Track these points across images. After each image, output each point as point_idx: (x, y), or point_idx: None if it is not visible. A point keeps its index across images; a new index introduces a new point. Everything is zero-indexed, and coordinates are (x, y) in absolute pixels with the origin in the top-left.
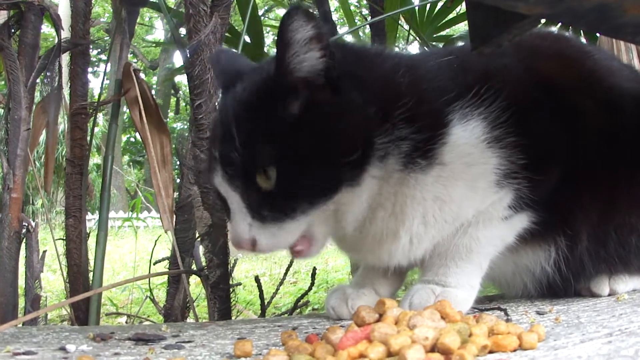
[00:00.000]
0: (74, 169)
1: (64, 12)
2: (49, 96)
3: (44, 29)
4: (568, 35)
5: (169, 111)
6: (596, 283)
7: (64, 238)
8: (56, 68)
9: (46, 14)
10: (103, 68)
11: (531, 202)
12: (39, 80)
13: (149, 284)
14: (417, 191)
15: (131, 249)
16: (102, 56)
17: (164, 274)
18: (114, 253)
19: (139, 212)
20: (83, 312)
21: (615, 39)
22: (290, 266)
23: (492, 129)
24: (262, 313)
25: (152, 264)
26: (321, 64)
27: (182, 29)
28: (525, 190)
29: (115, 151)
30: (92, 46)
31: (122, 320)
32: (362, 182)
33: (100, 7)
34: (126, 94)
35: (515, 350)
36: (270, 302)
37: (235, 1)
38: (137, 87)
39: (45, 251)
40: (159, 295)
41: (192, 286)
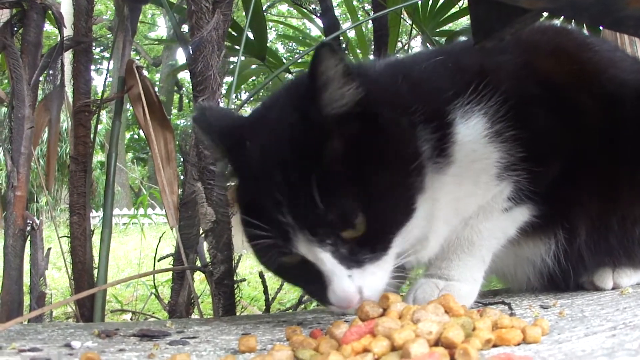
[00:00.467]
0: (77, 166)
1: (66, 10)
2: (51, 94)
3: (47, 27)
4: (569, 27)
5: (172, 108)
6: (600, 277)
7: (69, 235)
8: (59, 66)
9: (48, 12)
10: (106, 65)
11: (531, 195)
12: (42, 78)
13: (154, 280)
14: (441, 192)
15: (136, 246)
16: (105, 54)
17: (169, 271)
18: (118, 250)
19: (146, 209)
20: (88, 309)
21: (618, 32)
22: None
23: (492, 124)
24: (267, 309)
25: (156, 260)
26: (360, 94)
27: (185, 26)
28: (524, 182)
29: (118, 148)
30: (94, 44)
31: (127, 317)
32: (426, 187)
33: (102, 4)
34: (129, 91)
35: (519, 344)
36: (274, 297)
37: None
38: (140, 84)
39: (49, 249)
40: (164, 292)
41: (196, 282)
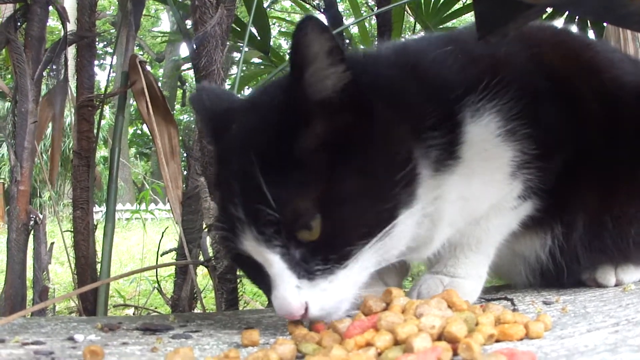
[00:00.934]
0: (81, 161)
1: (69, 4)
2: (54, 89)
3: (50, 22)
4: (568, 28)
5: (175, 103)
6: (602, 274)
7: (72, 230)
8: (62, 61)
9: (52, 7)
10: (109, 61)
11: (538, 190)
12: (45, 73)
13: (157, 275)
14: (449, 193)
15: (138, 241)
16: (108, 49)
17: (171, 265)
18: (121, 245)
19: (147, 204)
20: (91, 303)
21: (622, 28)
22: None
23: (505, 123)
24: (270, 304)
25: (159, 255)
26: (347, 78)
27: (188, 21)
28: (535, 180)
29: (122, 143)
30: (98, 39)
31: (130, 312)
32: (418, 196)
33: None
34: (132, 86)
35: (521, 340)
36: None
37: None
38: (144, 79)
39: (52, 243)
40: (167, 286)
41: (199, 277)
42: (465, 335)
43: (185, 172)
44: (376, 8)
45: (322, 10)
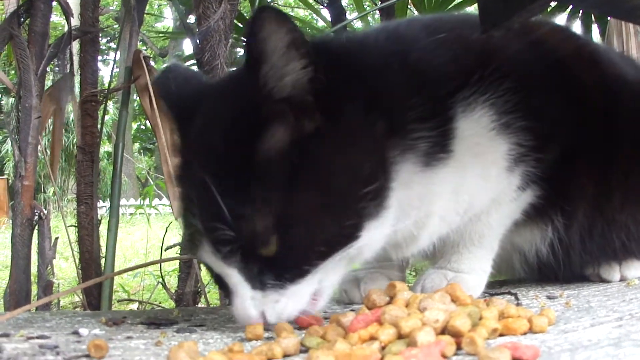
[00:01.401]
0: (85, 156)
1: (73, 0)
2: (57, 84)
3: (54, 17)
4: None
5: None
6: (606, 269)
7: (76, 225)
8: (67, 56)
9: (55, 3)
10: (113, 56)
11: (537, 179)
12: (49, 68)
13: (160, 270)
14: (440, 187)
15: (142, 236)
16: (112, 44)
17: (175, 259)
18: (125, 240)
19: (152, 200)
20: (95, 298)
21: (626, 22)
22: None
23: (500, 116)
24: None
25: (163, 250)
26: (307, 76)
27: (191, 16)
28: (533, 170)
29: (125, 139)
30: (101, 34)
31: (134, 306)
32: (388, 204)
33: None
34: (136, 81)
35: (525, 334)
36: None
37: None
38: (147, 74)
39: (57, 238)
40: (170, 281)
41: (203, 272)
42: (469, 330)
43: None
44: (379, 2)
45: (325, 4)
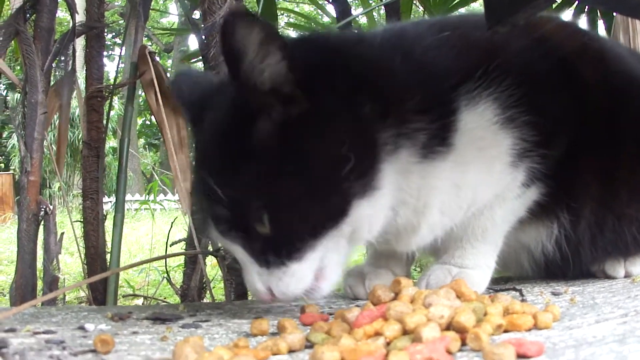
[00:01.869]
0: (90, 151)
1: None
2: (62, 79)
3: (59, 13)
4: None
5: None
6: (611, 265)
7: (81, 220)
8: (70, 52)
9: None
10: (118, 51)
11: (542, 176)
12: (55, 64)
13: (166, 265)
14: (439, 180)
15: (147, 231)
16: (117, 40)
17: (180, 255)
18: (130, 236)
19: (156, 195)
20: (100, 293)
21: (633, 18)
22: None
23: (504, 110)
24: None
25: (168, 245)
26: (284, 68)
27: (197, 12)
28: (537, 167)
29: (131, 134)
30: (107, 30)
31: (139, 302)
32: (380, 185)
33: None
34: (141, 77)
35: (530, 330)
36: None
37: None
38: (153, 69)
39: (62, 233)
40: (176, 277)
41: (208, 267)
42: (474, 325)
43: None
44: None
45: (330, 0)
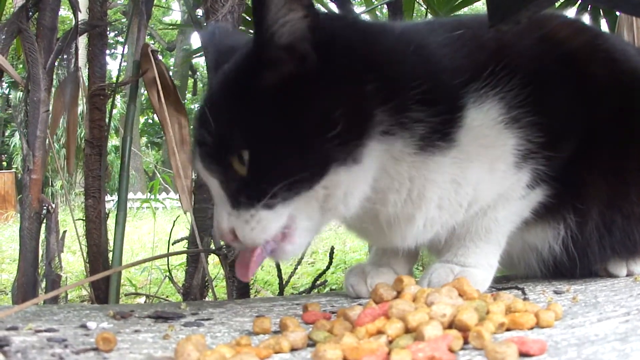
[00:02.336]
0: (92, 150)
1: None
2: (66, 79)
3: (62, 11)
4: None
5: (186, 92)
6: (614, 264)
7: (84, 219)
8: (72, 50)
9: None
10: (121, 50)
11: (547, 178)
12: (57, 62)
13: (168, 264)
14: (436, 174)
15: (149, 230)
16: (120, 38)
17: (183, 253)
18: (132, 234)
19: (158, 194)
20: (103, 291)
21: (636, 17)
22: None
23: (509, 110)
24: (281, 293)
25: (170, 244)
26: (305, 24)
27: (199, 10)
28: (542, 168)
29: (133, 132)
30: (109, 28)
31: (141, 300)
32: (361, 160)
33: None
34: (144, 75)
35: (532, 328)
36: (288, 282)
37: None
38: (155, 68)
39: (65, 232)
40: (178, 275)
41: (210, 266)
42: (476, 324)
43: None
44: None
45: None
